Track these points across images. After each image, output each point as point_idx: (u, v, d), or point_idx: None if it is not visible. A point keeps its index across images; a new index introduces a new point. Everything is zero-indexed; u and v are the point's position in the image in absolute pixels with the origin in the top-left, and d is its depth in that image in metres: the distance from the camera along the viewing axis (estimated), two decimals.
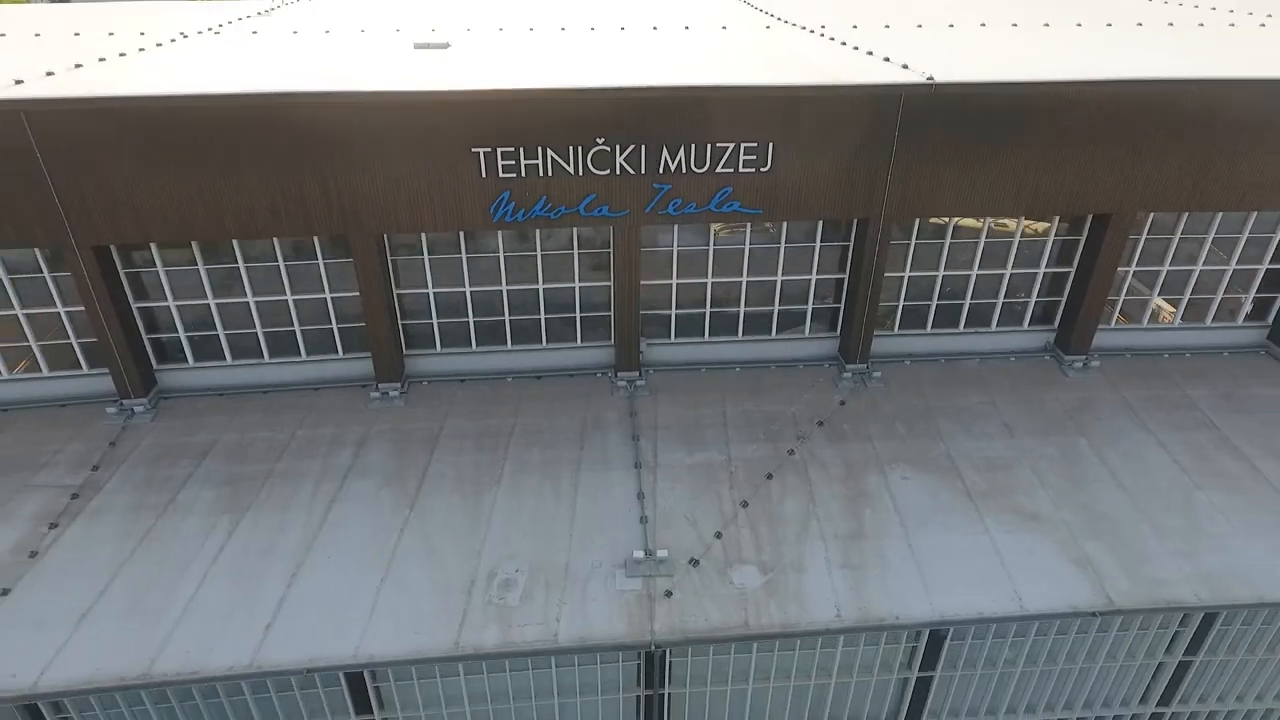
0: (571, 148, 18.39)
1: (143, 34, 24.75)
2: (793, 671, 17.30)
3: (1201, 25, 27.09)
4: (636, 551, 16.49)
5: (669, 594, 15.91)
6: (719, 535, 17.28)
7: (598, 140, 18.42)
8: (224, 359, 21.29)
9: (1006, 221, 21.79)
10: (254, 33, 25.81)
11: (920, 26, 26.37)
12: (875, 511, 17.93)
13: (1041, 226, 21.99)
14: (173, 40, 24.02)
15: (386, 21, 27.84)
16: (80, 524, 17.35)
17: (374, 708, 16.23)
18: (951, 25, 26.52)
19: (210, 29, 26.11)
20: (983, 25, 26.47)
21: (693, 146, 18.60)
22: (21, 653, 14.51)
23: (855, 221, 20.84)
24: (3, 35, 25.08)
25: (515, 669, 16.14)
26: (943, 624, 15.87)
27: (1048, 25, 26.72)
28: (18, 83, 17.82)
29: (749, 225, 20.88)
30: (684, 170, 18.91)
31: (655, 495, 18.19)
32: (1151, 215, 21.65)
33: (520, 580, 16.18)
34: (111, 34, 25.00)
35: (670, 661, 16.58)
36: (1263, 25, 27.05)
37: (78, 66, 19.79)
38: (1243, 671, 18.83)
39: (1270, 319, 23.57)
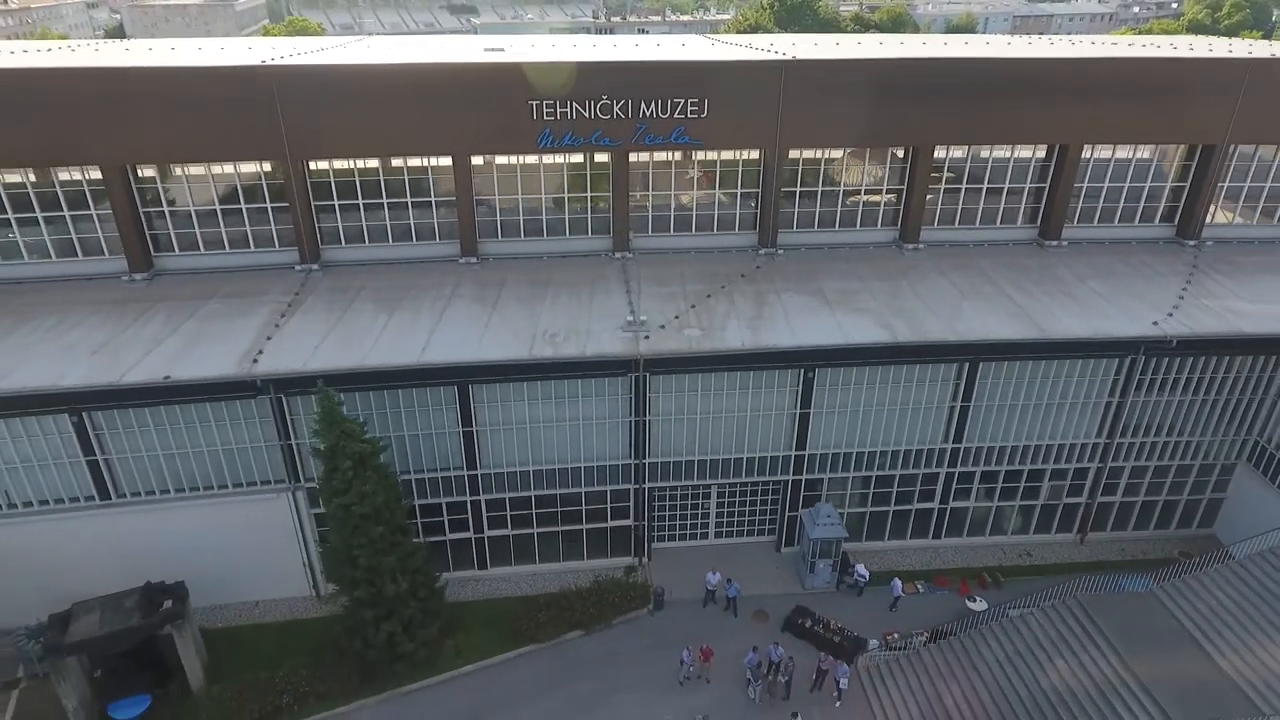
0: (587, 100, 31.02)
1: (296, 49, 37.45)
2: (723, 399, 29.17)
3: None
4: (628, 317, 28.58)
5: (647, 337, 27.93)
6: (676, 318, 29.37)
7: (603, 97, 31.07)
8: (364, 241, 33.39)
9: (861, 153, 34.54)
10: (368, 46, 38.68)
11: (816, 45, 39.63)
12: (770, 309, 30.11)
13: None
14: (320, 49, 36.83)
15: (443, 44, 40.86)
16: (298, 315, 29.27)
17: (471, 412, 28.02)
18: (837, 44, 39.78)
19: (338, 45, 38.98)
20: (858, 44, 39.74)
21: (659, 100, 31.26)
22: (289, 358, 26.29)
23: (762, 152, 33.41)
24: (222, 49, 37.78)
25: (558, 377, 27.88)
26: (803, 349, 27.89)
27: (881, 44, 40.01)
28: (264, 62, 30.41)
29: (696, 161, 33.52)
30: (655, 116, 31.54)
31: (639, 303, 30.21)
32: (949, 149, 34.46)
33: (562, 335, 28.15)
34: (274, 48, 37.76)
35: (647, 383, 28.41)
36: None
37: (282, 58, 32.38)
38: (1004, 416, 30.76)
39: (1038, 223, 36.15)
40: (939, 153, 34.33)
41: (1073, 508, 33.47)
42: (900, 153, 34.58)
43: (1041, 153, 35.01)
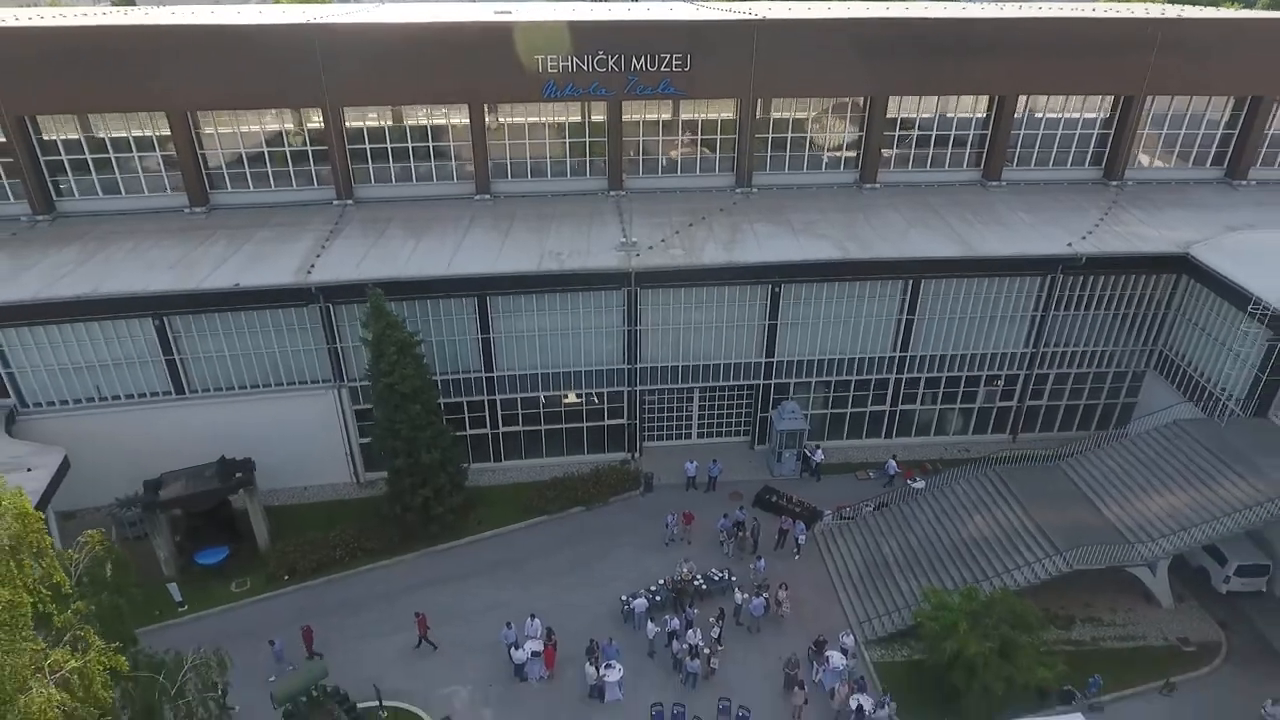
0: (586, 56, 35.88)
1: (306, 15, 42.03)
2: (703, 311, 34.33)
3: None
4: (621, 239, 33.68)
5: (638, 255, 33.03)
6: (663, 240, 34.46)
7: (599, 53, 35.93)
8: (391, 181, 38.32)
9: (825, 103, 39.47)
10: (382, 9, 43.32)
11: (790, 9, 44.36)
12: (742, 235, 35.21)
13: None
14: (346, 14, 41.45)
15: (455, 7, 45.45)
16: (340, 240, 34.34)
17: (489, 320, 33.18)
18: (809, 8, 44.46)
19: (360, 10, 43.58)
20: (828, 9, 44.47)
21: (648, 56, 36.13)
22: (337, 270, 31.36)
23: (738, 101, 38.31)
24: (239, 13, 42.33)
25: (562, 290, 32.99)
26: (769, 264, 33.03)
27: (849, 8, 44.78)
28: (309, 21, 35.17)
29: (680, 112, 38.46)
30: (644, 69, 36.42)
31: (631, 229, 35.22)
32: (901, 100, 39.40)
33: (565, 254, 33.22)
34: (285, 14, 42.35)
35: (638, 297, 33.53)
36: None
37: (315, 19, 37.12)
38: (944, 328, 35.98)
39: (981, 166, 41.18)
40: (893, 103, 39.35)
41: (1005, 411, 38.80)
42: (860, 102, 39.50)
43: (984, 103, 39.99)
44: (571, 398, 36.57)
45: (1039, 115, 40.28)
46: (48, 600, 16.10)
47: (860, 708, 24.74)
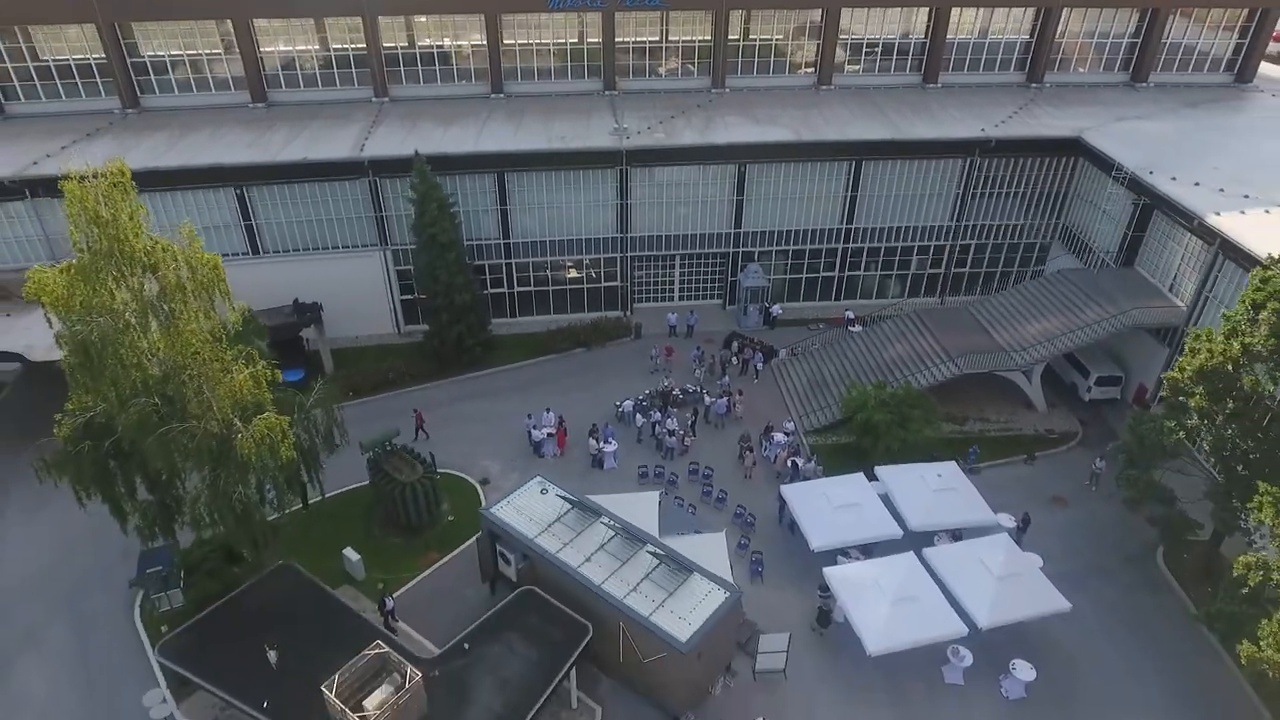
0: None
1: None
2: (682, 189, 41.80)
3: None
4: (614, 126, 40.97)
5: (628, 138, 40.34)
6: (649, 128, 41.73)
7: None
8: (420, 82, 45.28)
9: (787, 15, 46.29)
10: None
11: None
12: (714, 125, 42.54)
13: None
14: None
15: None
16: (382, 127, 41.57)
17: (506, 194, 40.61)
18: None
19: None
20: None
21: None
22: (384, 148, 38.65)
23: (714, 13, 45.09)
24: None
25: (566, 168, 40.36)
26: (735, 145, 40.39)
27: None
28: None
29: (665, 22, 45.31)
30: None
31: (622, 120, 42.41)
32: (853, 11, 46.21)
33: (568, 137, 40.48)
34: None
35: (628, 175, 40.93)
36: None
37: None
38: (883, 203, 43.49)
39: (922, 72, 48.18)
40: (846, 16, 46.16)
41: (935, 277, 46.60)
42: (816, 16, 46.28)
43: (924, 14, 46.81)
44: (573, 273, 44.30)
45: (971, 23, 47.22)
46: (224, 331, 23.89)
47: (794, 464, 33.13)
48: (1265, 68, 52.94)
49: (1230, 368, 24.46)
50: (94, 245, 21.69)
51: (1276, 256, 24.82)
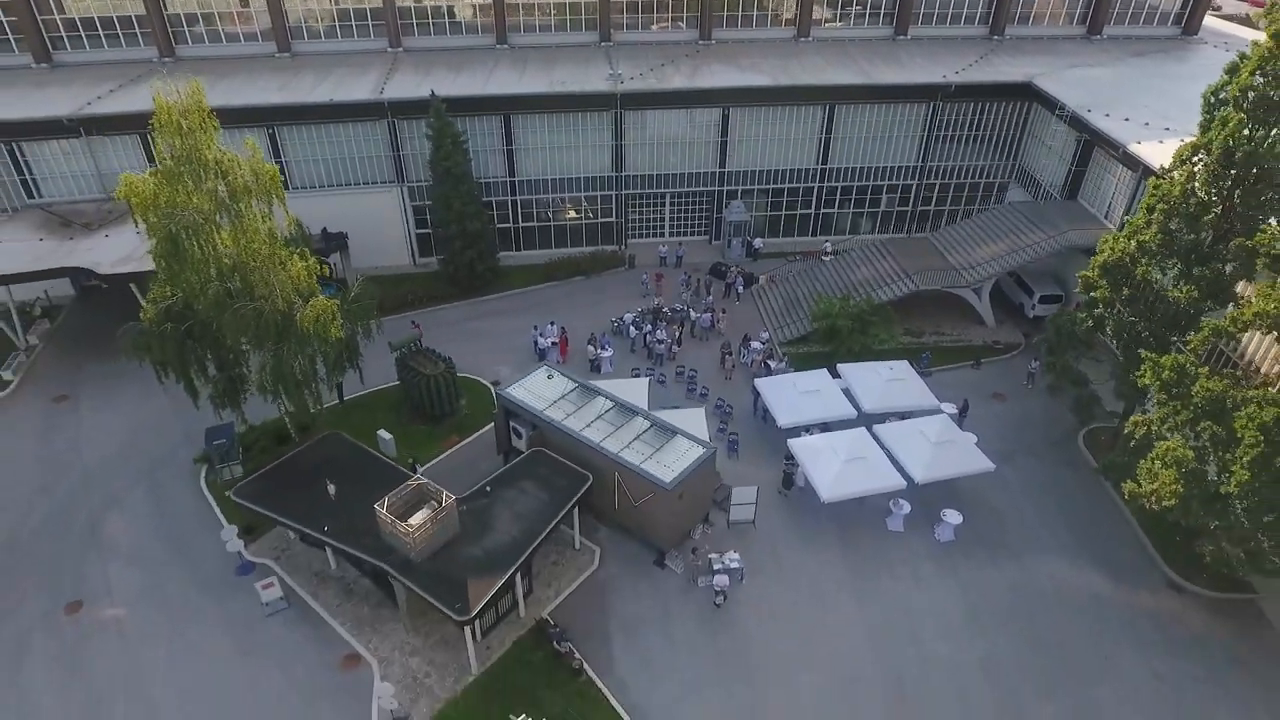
0: None
1: None
2: (672, 129, 46.06)
3: None
4: (609, 72, 45.18)
5: (622, 83, 44.56)
6: (641, 74, 45.90)
7: None
8: (431, 34, 49.31)
9: None
10: None
11: None
12: (701, 72, 46.66)
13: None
14: None
15: None
16: (399, 74, 45.65)
17: (512, 135, 44.86)
18: None
19: None
20: None
21: None
22: (402, 91, 42.86)
23: None
24: None
25: (566, 111, 44.60)
26: (718, 89, 44.62)
27: None
28: None
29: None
30: None
31: (617, 67, 46.57)
32: None
33: (569, 82, 44.66)
34: None
35: (623, 118, 45.15)
36: None
37: None
38: (854, 145, 47.83)
39: (894, 25, 52.24)
40: None
41: (903, 214, 51.06)
42: None
43: None
44: (572, 214, 48.67)
45: None
46: (279, 237, 28.39)
47: (768, 365, 37.90)
48: (1216, 22, 57.15)
49: (1128, 261, 29.11)
50: (176, 153, 26.14)
51: (1167, 166, 29.28)
